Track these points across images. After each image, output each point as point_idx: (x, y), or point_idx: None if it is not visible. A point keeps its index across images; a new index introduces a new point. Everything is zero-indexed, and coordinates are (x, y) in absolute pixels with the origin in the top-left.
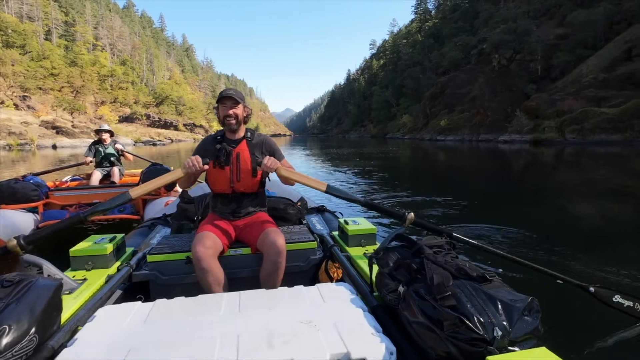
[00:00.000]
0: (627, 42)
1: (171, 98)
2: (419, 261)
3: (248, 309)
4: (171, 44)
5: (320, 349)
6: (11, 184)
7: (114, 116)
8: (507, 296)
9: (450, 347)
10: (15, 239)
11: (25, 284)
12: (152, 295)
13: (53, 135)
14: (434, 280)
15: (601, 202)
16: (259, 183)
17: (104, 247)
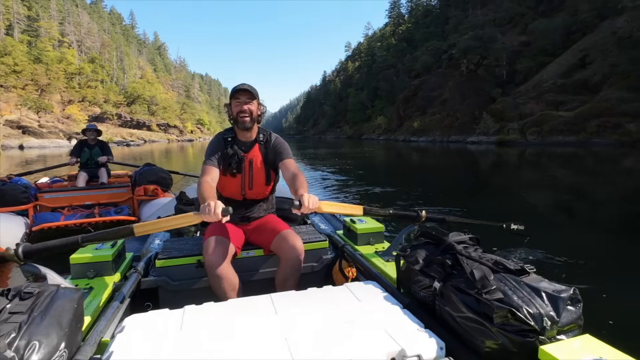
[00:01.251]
0: (582, 50)
1: (143, 97)
2: (451, 257)
3: (285, 311)
4: (142, 42)
5: (375, 348)
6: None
7: (84, 116)
8: (550, 287)
9: (502, 339)
10: (14, 250)
11: (46, 295)
12: (161, 301)
13: (19, 135)
14: (475, 275)
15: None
16: (272, 189)
17: (107, 254)
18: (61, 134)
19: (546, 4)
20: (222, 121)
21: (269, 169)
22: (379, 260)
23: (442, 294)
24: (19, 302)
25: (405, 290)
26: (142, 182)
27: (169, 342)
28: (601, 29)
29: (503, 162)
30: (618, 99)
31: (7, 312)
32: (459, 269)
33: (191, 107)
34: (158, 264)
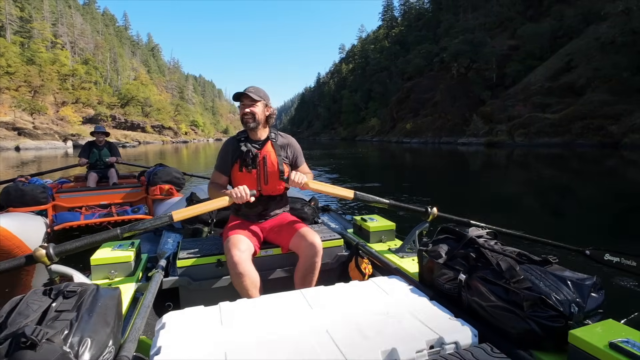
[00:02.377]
0: (568, 54)
1: (137, 99)
2: (474, 250)
3: (318, 306)
4: (136, 44)
5: (414, 337)
6: (19, 186)
7: (78, 117)
8: (574, 276)
9: (532, 325)
10: (44, 249)
11: (89, 294)
12: (181, 301)
13: (15, 137)
14: (502, 266)
15: (540, 193)
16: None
17: (128, 254)
18: (56, 136)
19: (534, 9)
20: (215, 123)
21: (282, 164)
22: (395, 257)
23: (468, 285)
24: (64, 300)
25: (428, 284)
26: (157, 182)
27: (213, 337)
28: (586, 33)
29: (492, 162)
30: (601, 102)
31: (54, 310)
32: (484, 261)
33: (185, 109)
34: (179, 263)
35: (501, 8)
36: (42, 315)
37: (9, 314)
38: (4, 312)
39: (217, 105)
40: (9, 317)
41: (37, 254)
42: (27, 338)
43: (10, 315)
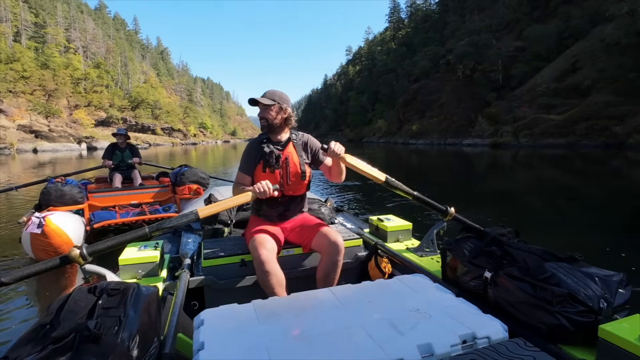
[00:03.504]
0: (574, 55)
1: (147, 102)
2: (498, 248)
3: (349, 303)
4: (145, 47)
5: (447, 332)
6: (59, 187)
7: (90, 120)
8: (601, 273)
9: (562, 320)
10: (78, 249)
11: (131, 292)
12: (206, 300)
13: (33, 140)
14: (529, 263)
15: (545, 194)
16: (307, 185)
17: (154, 255)
18: (71, 138)
19: (541, 10)
20: (223, 125)
21: (304, 165)
22: (414, 256)
23: (494, 282)
24: (108, 298)
25: (451, 281)
26: (185, 182)
27: (252, 333)
28: (593, 34)
29: (497, 163)
30: (605, 103)
31: (100, 307)
32: (509, 259)
33: (194, 111)
34: (204, 263)
35: (507, 10)
36: (89, 311)
37: (59, 311)
38: (53, 309)
39: (225, 107)
40: (60, 314)
41: (72, 254)
42: (90, 332)
43: (60, 311)
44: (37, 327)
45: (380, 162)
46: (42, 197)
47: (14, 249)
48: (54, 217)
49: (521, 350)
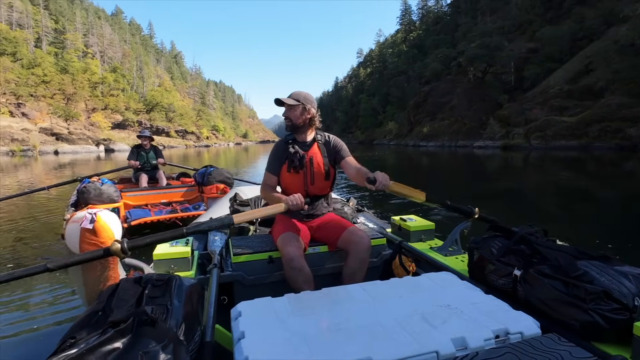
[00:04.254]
0: (588, 57)
1: (161, 105)
2: (527, 247)
3: (380, 299)
4: (160, 51)
5: (480, 326)
6: (98, 185)
7: (107, 123)
8: (634, 271)
9: (596, 317)
10: (119, 243)
11: (174, 283)
12: (235, 295)
13: (54, 142)
14: (560, 261)
15: (559, 195)
16: (331, 185)
17: (186, 250)
18: (89, 140)
19: (554, 12)
20: (235, 127)
21: (328, 165)
22: (438, 255)
23: (525, 280)
24: (153, 288)
25: (479, 279)
26: (212, 181)
27: (288, 324)
28: (607, 35)
29: (509, 165)
30: (619, 105)
31: (147, 296)
32: (539, 257)
33: (206, 114)
34: (234, 259)
35: (520, 11)
36: (137, 300)
37: (110, 298)
38: (104, 297)
39: (237, 110)
40: (112, 301)
41: (113, 247)
42: (148, 316)
43: (111, 299)
44: (90, 312)
45: (391, 165)
46: (80, 196)
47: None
48: (103, 214)
49: (556, 345)
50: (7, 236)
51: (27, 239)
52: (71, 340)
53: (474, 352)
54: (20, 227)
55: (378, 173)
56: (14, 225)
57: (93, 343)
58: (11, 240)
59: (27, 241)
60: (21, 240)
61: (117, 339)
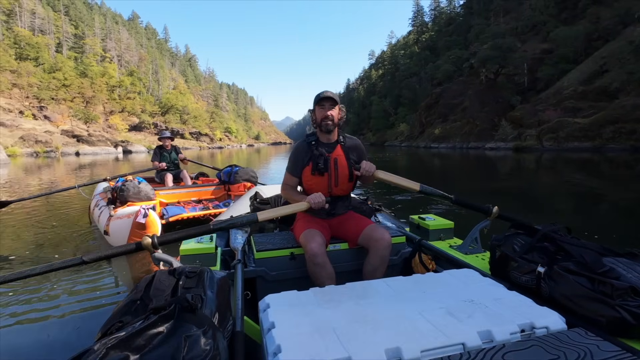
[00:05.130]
0: (603, 57)
1: (176, 107)
2: (551, 245)
3: (404, 293)
4: (175, 55)
5: (506, 320)
6: (136, 184)
7: (125, 125)
8: None
9: (624, 313)
10: (150, 238)
11: (206, 275)
12: (258, 291)
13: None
14: (586, 258)
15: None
16: (353, 186)
17: (210, 246)
18: (108, 142)
19: (569, 12)
20: (248, 129)
21: (351, 167)
22: (458, 253)
23: (549, 276)
24: (187, 279)
25: (501, 277)
26: (239, 180)
27: (316, 315)
28: (623, 36)
29: (521, 166)
30: (633, 106)
31: (181, 287)
32: (563, 254)
33: (220, 116)
34: (257, 255)
35: (534, 12)
36: (172, 290)
37: (147, 288)
38: (141, 288)
39: (249, 112)
40: (149, 291)
41: (144, 242)
42: (189, 303)
43: (148, 289)
44: (129, 301)
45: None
46: (119, 194)
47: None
48: (152, 210)
49: (583, 340)
50: (37, 231)
51: (56, 234)
52: (119, 324)
53: (501, 344)
54: (51, 223)
55: (364, 162)
56: (42, 221)
57: (139, 327)
58: (42, 235)
59: (58, 236)
60: (51, 235)
61: (160, 324)
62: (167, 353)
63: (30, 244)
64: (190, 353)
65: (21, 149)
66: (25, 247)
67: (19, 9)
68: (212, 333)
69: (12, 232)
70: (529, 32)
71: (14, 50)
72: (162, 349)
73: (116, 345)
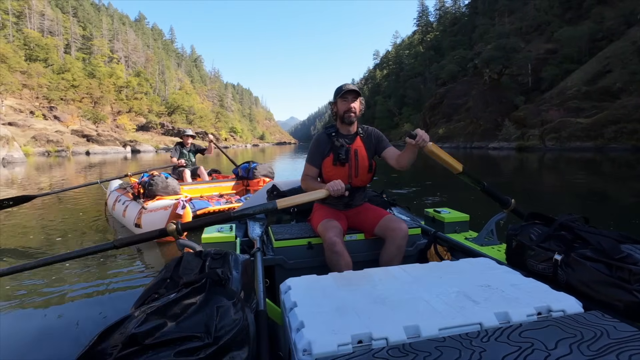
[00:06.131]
0: (607, 57)
1: (182, 107)
2: (568, 233)
3: (421, 278)
4: (180, 55)
5: (522, 304)
6: (163, 179)
7: (132, 125)
8: None
9: None
10: (174, 225)
11: (231, 257)
12: (276, 278)
13: (85, 143)
14: (604, 245)
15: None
16: (372, 176)
17: (231, 235)
18: (117, 142)
19: (573, 12)
20: (252, 129)
21: (371, 158)
22: (473, 245)
23: (566, 263)
24: (212, 260)
25: (517, 265)
26: (257, 175)
27: (336, 296)
28: (628, 36)
29: (523, 166)
30: (635, 106)
31: (208, 267)
32: (580, 242)
33: (225, 116)
34: (276, 244)
35: (538, 12)
36: (200, 270)
37: (176, 268)
38: (170, 267)
39: (254, 112)
40: (178, 270)
41: (169, 229)
42: (219, 277)
43: (177, 269)
44: (160, 279)
45: None
46: (148, 188)
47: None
48: (187, 203)
49: (600, 321)
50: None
51: (76, 227)
52: (155, 295)
53: (517, 324)
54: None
55: (419, 130)
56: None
57: (174, 297)
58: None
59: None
60: (72, 227)
61: (193, 295)
62: (201, 320)
63: (54, 235)
64: (222, 321)
65: (33, 148)
66: (49, 238)
67: (29, 11)
68: (241, 306)
69: (38, 224)
70: (534, 32)
71: (24, 51)
72: (197, 317)
73: (155, 312)
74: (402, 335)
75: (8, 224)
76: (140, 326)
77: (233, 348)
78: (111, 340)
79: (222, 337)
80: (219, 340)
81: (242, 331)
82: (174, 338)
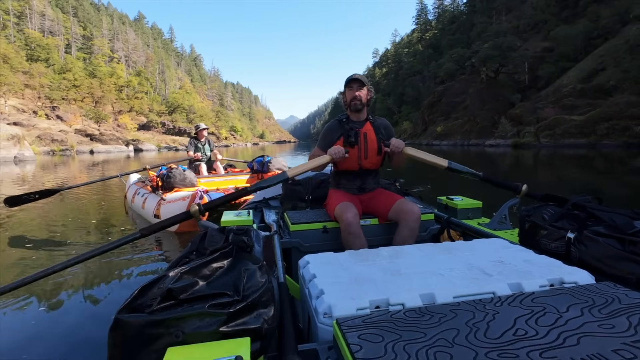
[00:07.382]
0: (602, 55)
1: (182, 107)
2: (581, 212)
3: (435, 256)
4: (180, 55)
5: (535, 276)
6: (181, 172)
7: (134, 124)
8: None
9: None
10: (197, 205)
11: (252, 232)
12: (293, 260)
13: (89, 142)
14: (617, 221)
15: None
16: (382, 160)
17: (249, 219)
18: (119, 141)
19: (569, 10)
20: (252, 128)
21: (380, 141)
22: (486, 229)
23: (578, 240)
24: (235, 236)
25: (530, 245)
26: (272, 169)
27: (355, 270)
28: (622, 34)
29: (519, 162)
30: (627, 103)
31: (232, 239)
32: (593, 220)
33: (225, 115)
34: (292, 228)
35: (535, 10)
36: (224, 242)
37: (202, 242)
38: (196, 241)
39: (254, 110)
40: (203, 243)
41: (193, 210)
42: (245, 244)
43: (202, 242)
44: (188, 251)
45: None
46: (166, 180)
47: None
48: (205, 194)
49: (612, 290)
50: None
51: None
52: (186, 259)
53: (530, 292)
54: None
55: (393, 138)
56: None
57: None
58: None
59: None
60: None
61: (221, 259)
62: (230, 281)
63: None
64: (249, 282)
65: (38, 147)
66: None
67: (29, 11)
68: (266, 270)
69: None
70: (531, 30)
71: (25, 51)
72: (226, 278)
73: (188, 271)
74: (418, 301)
75: (34, 217)
76: (176, 282)
77: (259, 306)
78: (150, 294)
79: (249, 296)
80: (247, 298)
81: (267, 292)
82: (206, 294)
